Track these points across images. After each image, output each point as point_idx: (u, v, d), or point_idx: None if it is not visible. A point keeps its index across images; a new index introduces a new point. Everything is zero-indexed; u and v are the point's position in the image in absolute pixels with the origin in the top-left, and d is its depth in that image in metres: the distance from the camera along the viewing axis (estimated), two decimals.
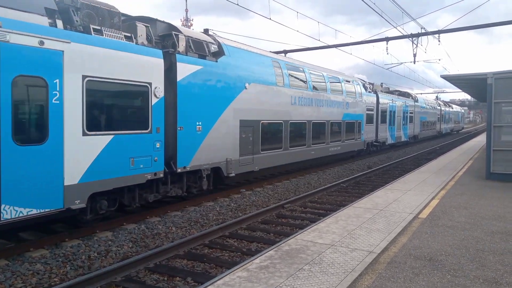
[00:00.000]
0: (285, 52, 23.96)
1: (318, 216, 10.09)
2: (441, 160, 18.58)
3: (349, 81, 20.92)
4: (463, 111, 75.86)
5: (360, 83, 22.41)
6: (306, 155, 16.17)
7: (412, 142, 34.47)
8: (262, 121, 13.04)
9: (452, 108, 59.21)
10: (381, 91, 27.56)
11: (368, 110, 22.89)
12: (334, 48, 23.21)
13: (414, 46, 21.80)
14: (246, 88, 12.17)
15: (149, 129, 8.92)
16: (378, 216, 7.90)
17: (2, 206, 6.16)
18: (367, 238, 6.43)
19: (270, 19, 17.36)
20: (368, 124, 22.91)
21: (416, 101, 35.66)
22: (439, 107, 47.44)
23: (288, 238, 6.50)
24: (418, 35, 21.14)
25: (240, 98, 11.98)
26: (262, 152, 13.12)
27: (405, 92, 35.42)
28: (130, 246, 7.66)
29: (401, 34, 21.04)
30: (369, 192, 11.86)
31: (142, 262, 6.60)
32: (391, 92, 31.41)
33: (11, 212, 6.26)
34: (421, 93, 53.59)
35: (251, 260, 5.46)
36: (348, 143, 20.21)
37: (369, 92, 23.90)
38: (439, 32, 20.39)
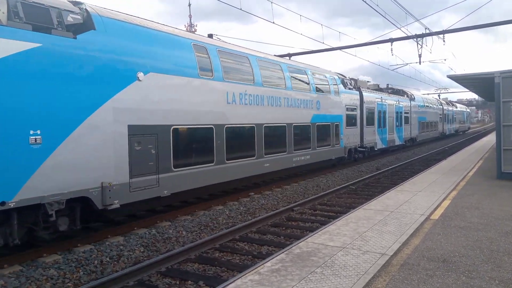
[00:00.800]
0: (290, 55, 23.99)
1: (328, 218, 10.06)
2: (451, 161, 18.42)
3: (320, 75, 17.37)
4: (469, 110, 72.81)
5: (337, 78, 19.02)
6: (256, 168, 12.66)
7: (409, 146, 31.24)
8: (174, 127, 9.52)
9: (457, 107, 56.14)
10: (368, 88, 24.42)
11: (349, 110, 19.47)
12: (339, 50, 23.20)
13: (419, 46, 21.72)
14: (139, 80, 8.56)
15: None
16: (389, 218, 7.86)
17: None
18: (379, 240, 6.40)
19: (273, 23, 17.43)
20: (349, 126, 19.47)
21: (413, 99, 32.05)
22: (441, 106, 43.89)
23: (299, 241, 6.49)
24: (422, 35, 21.06)
25: (127, 94, 8.30)
26: (176, 169, 9.52)
27: (399, 90, 31.82)
28: (142, 250, 7.70)
29: (406, 35, 20.98)
30: (379, 193, 11.79)
31: (154, 267, 6.64)
32: (381, 90, 28.09)
33: None
34: (427, 93, 52.77)
35: (263, 263, 5.46)
36: (322, 151, 16.74)
37: (350, 89, 20.26)
38: (444, 32, 20.30)
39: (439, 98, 50.97)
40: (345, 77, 20.63)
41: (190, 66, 10.12)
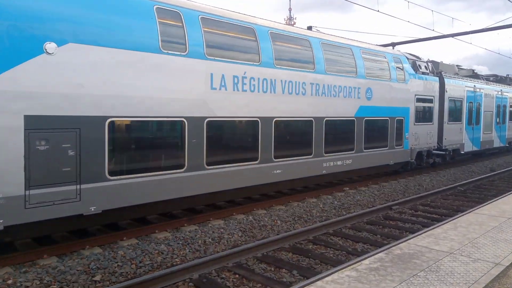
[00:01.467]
0: (393, 44, 22.66)
1: (431, 221, 9.39)
2: None
3: (376, 55, 13.23)
4: None
5: (403, 58, 14.60)
6: (259, 176, 9.56)
7: None
8: (114, 119, 7.05)
9: None
10: (457, 74, 19.50)
11: (421, 101, 15.11)
12: (451, 38, 21.16)
13: None
14: (48, 53, 6.26)
15: None
16: (505, 224, 7.03)
17: None
18: (493, 248, 5.78)
19: (378, 11, 16.60)
20: (421, 123, 15.14)
21: None
22: None
23: (399, 241, 6.19)
24: None
25: (25, 72, 6.08)
26: (114, 177, 7.09)
27: (507, 77, 24.74)
28: (240, 235, 8.12)
29: None
30: (493, 197, 10.59)
31: (251, 251, 6.96)
32: (477, 77, 21.61)
33: None
34: None
35: (360, 260, 5.35)
36: (371, 154, 12.79)
37: (425, 73, 15.71)
38: None
39: None
40: (419, 58, 16.31)
41: (147, 36, 7.43)
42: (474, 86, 19.10)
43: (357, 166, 12.42)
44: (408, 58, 15.11)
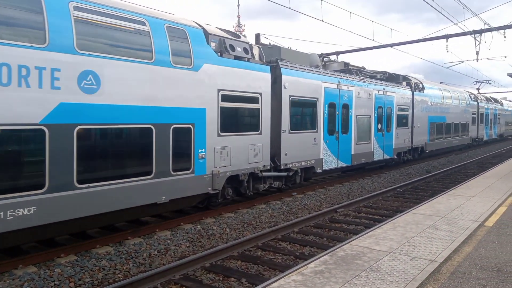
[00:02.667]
0: (337, 53, 23.62)
1: (373, 221, 9.80)
2: (508, 165, 17.23)
3: (112, 15, 7.56)
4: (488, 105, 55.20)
5: (192, 31, 9.06)
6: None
7: (401, 163, 19.87)
8: None
9: (502, 105, 41.31)
10: (318, 66, 14.31)
11: (236, 100, 10.10)
12: (389, 48, 22.48)
13: (477, 43, 20.51)
14: None
15: None
16: (439, 223, 7.51)
17: None
18: (428, 246, 6.14)
19: (322, 20, 17.22)
20: (236, 133, 10.14)
21: (420, 89, 20.99)
22: (475, 103, 30.80)
23: (343, 243, 6.39)
24: (481, 31, 19.87)
25: None
26: None
27: (394, 74, 20.46)
28: (187, 245, 7.94)
29: (462, 31, 19.90)
30: (429, 197, 11.30)
31: (198, 262, 6.82)
32: (350, 72, 16.08)
33: None
34: (485, 92, 48.61)
35: (306, 264, 5.43)
36: (103, 191, 7.27)
37: (244, 59, 10.49)
38: (505, 27, 19.04)
39: (479, 93, 38.30)
40: (238, 37, 11.01)
41: None
42: (339, 82, 13.92)
43: (48, 220, 6.53)
44: (208, 33, 9.62)
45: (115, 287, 5.65)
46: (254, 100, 10.66)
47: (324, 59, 17.53)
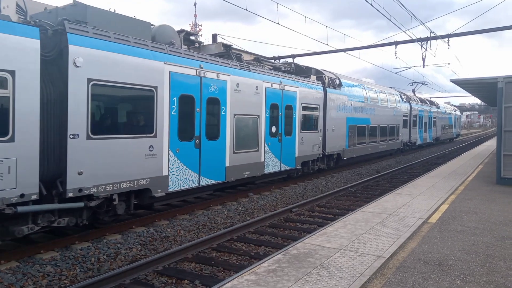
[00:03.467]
0: (293, 56, 24.03)
1: (326, 220, 10.06)
2: (451, 165, 18.41)
3: None
4: (458, 112, 53.20)
5: None
6: None
7: (310, 174, 16.82)
8: None
9: (439, 108, 39.32)
10: (172, 43, 10.19)
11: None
12: (343, 53, 23.23)
13: (423, 50, 21.71)
14: None
15: None
16: (387, 220, 7.85)
17: None
18: (376, 242, 6.40)
19: (278, 23, 17.46)
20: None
21: (336, 86, 18.09)
22: (406, 104, 28.36)
23: (296, 242, 6.50)
24: (427, 39, 21.07)
25: None
26: None
27: (309, 68, 17.49)
28: (139, 249, 7.71)
29: (410, 38, 20.98)
30: (378, 196, 11.80)
31: (151, 265, 6.64)
32: (230, 57, 12.59)
33: None
34: (430, 97, 51.00)
35: (259, 264, 5.47)
36: None
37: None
38: (449, 36, 20.31)
39: (415, 95, 35.29)
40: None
41: None
42: (200, 67, 10.25)
43: None
44: None
45: None
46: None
47: (199, 42, 13.17)
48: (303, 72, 16.88)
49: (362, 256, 5.75)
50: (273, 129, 13.32)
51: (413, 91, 38.23)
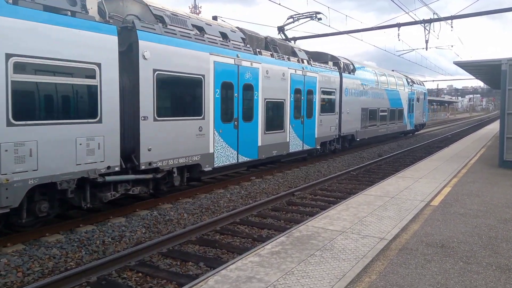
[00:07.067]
0: (295, 39, 23.75)
1: (329, 203, 10.11)
2: (453, 148, 18.38)
3: None
4: (424, 89, 32.49)
5: None
6: None
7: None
8: None
9: (389, 81, 24.40)
10: None
11: None
12: (345, 35, 22.94)
13: (426, 32, 21.45)
14: None
15: None
16: (389, 203, 7.89)
17: None
18: (378, 225, 6.44)
19: (280, 4, 17.18)
20: None
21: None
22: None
23: (299, 224, 6.54)
24: (430, 21, 20.77)
25: None
26: None
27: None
28: (143, 232, 7.78)
29: (413, 20, 20.69)
30: (380, 179, 11.82)
31: (155, 247, 6.72)
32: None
33: None
34: (432, 80, 50.16)
35: (263, 246, 5.52)
36: None
37: None
38: (452, 17, 20.02)
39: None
40: None
41: None
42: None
43: None
44: None
45: (67, 275, 5.44)
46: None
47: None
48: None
49: (364, 238, 5.80)
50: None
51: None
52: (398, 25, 21.02)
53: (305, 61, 15.18)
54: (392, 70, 28.77)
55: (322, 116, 16.16)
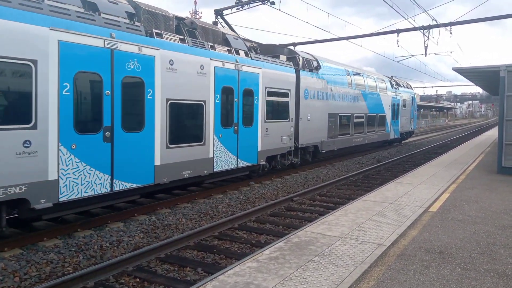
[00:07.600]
0: (294, 44, 23.85)
1: (327, 209, 10.10)
2: (452, 154, 18.40)
3: None
4: (411, 93, 29.69)
5: None
6: None
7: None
8: None
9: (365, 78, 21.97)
10: None
11: None
12: (345, 40, 23.03)
13: (425, 38, 21.52)
14: None
15: None
16: (387, 209, 7.88)
17: None
18: (377, 231, 6.43)
19: (279, 10, 17.27)
20: None
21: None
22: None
23: (298, 230, 6.53)
24: (429, 27, 20.86)
25: None
26: None
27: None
28: (141, 237, 7.76)
29: (412, 26, 20.78)
30: (379, 185, 11.82)
31: (153, 253, 6.70)
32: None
33: None
34: (432, 86, 49.60)
35: (261, 251, 5.50)
36: None
37: None
38: (451, 24, 20.11)
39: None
40: None
41: None
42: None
43: None
44: None
45: (64, 280, 5.42)
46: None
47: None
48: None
49: (363, 244, 5.79)
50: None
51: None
52: (398, 31, 21.11)
53: (241, 52, 11.82)
54: (392, 76, 28.68)
55: (269, 124, 12.90)
